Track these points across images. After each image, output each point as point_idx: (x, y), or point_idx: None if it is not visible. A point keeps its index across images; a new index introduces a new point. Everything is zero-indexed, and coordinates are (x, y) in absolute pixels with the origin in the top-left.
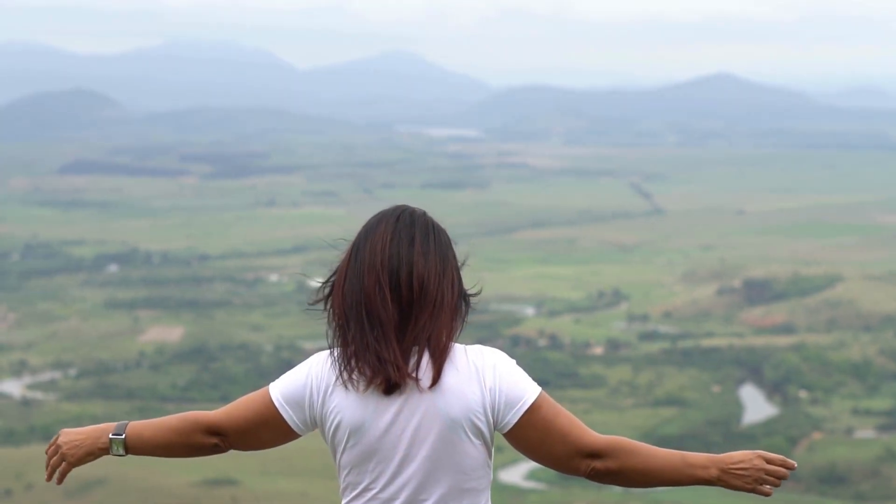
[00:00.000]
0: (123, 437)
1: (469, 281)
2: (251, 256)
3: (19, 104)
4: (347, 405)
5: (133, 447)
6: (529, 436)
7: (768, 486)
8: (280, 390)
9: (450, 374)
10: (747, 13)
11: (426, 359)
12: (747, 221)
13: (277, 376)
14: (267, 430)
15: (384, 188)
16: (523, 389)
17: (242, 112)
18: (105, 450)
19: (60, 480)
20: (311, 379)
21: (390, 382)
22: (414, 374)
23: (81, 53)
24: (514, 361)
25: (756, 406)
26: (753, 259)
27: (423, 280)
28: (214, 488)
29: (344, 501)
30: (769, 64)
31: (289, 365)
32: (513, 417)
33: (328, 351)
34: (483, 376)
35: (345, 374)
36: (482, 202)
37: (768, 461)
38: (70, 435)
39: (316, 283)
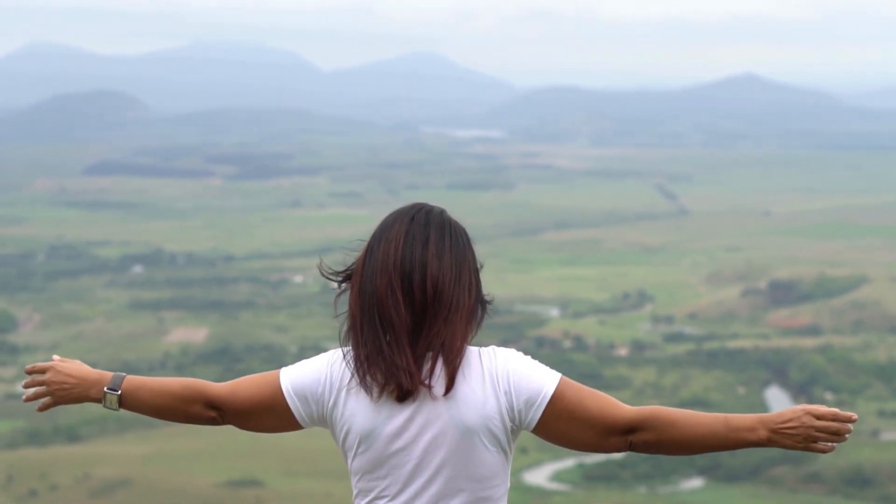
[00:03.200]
0: (119, 392)
1: (487, 282)
2: (276, 257)
3: (44, 106)
4: (359, 411)
5: (127, 404)
6: (557, 427)
7: (826, 444)
8: (291, 380)
9: (464, 381)
10: (773, 13)
11: (440, 365)
12: (773, 222)
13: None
14: (271, 416)
15: (409, 189)
16: (540, 383)
17: (267, 113)
18: (98, 400)
19: (42, 409)
20: (327, 377)
21: (403, 390)
22: (427, 382)
23: (107, 55)
24: (528, 357)
25: (781, 408)
26: (779, 260)
27: (437, 283)
28: (239, 489)
29: None
30: (795, 64)
31: None
32: (535, 414)
33: (343, 350)
34: (497, 380)
35: (356, 379)
36: (507, 203)
37: (818, 416)
38: (61, 375)
39: (334, 284)
